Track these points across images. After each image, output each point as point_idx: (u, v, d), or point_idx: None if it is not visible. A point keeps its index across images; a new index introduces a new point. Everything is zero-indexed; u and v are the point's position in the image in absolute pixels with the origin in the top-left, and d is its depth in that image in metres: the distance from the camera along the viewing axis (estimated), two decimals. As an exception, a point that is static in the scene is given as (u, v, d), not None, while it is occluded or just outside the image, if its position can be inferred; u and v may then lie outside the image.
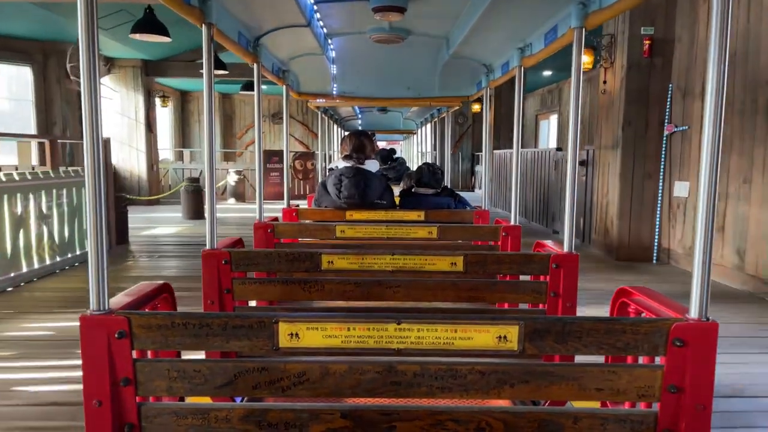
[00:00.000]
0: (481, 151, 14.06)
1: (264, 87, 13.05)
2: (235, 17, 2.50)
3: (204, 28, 2.09)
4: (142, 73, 12.73)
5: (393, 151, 8.03)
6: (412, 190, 3.91)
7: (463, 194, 4.26)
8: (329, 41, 3.68)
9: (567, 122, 11.97)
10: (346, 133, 3.79)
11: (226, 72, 9.05)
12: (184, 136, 18.14)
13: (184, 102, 18.08)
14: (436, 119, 7.90)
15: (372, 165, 3.50)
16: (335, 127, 9.36)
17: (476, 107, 15.61)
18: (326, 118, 7.34)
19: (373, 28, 3.29)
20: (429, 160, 11.02)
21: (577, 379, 1.27)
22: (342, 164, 3.47)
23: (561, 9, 2.26)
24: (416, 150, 12.14)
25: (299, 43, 3.27)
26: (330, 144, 7.64)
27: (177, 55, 12.53)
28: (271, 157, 14.12)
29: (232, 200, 14.19)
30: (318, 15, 3.09)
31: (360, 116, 9.44)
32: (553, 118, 16.32)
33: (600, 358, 1.41)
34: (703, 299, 1.26)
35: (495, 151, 12.70)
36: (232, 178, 14.32)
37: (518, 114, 3.02)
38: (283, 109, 3.88)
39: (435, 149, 15.80)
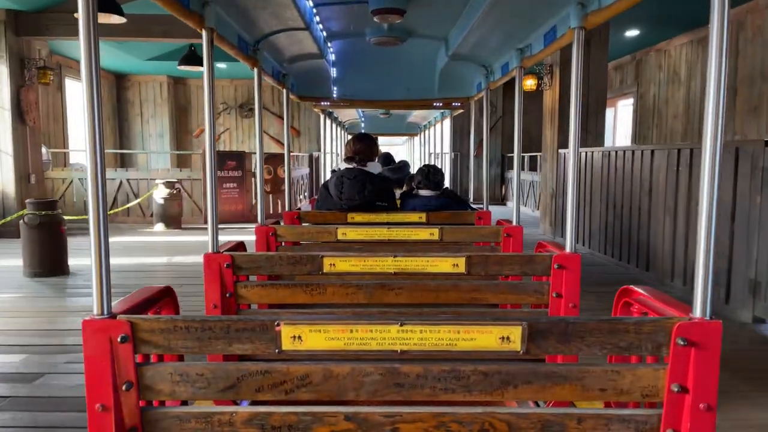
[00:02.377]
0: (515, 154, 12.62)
1: (222, 66, 12.23)
2: (235, 21, 2.51)
3: (204, 33, 2.09)
4: (8, 30, 7.95)
5: (389, 155, 7.75)
6: (413, 192, 3.91)
7: (493, 209, 3.76)
8: (329, 44, 3.69)
9: (650, 108, 10.81)
10: (349, 137, 3.79)
11: (123, 19, 5.86)
12: (121, 133, 13.94)
13: (120, 89, 13.80)
14: (448, 117, 7.78)
15: (374, 167, 3.50)
16: (339, 130, 9.36)
17: (530, 84, 8.95)
18: (330, 121, 7.35)
19: (373, 31, 3.30)
20: (438, 164, 9.56)
21: (581, 379, 1.27)
22: (344, 166, 3.48)
23: (560, 9, 2.26)
24: (423, 152, 10.37)
25: (299, 46, 3.27)
26: (328, 146, 7.60)
27: (61, 3, 7.98)
28: (226, 161, 10.40)
29: (159, 226, 9.37)
30: (317, 18, 3.10)
31: (363, 119, 9.45)
32: (623, 105, 12.11)
33: (603, 359, 1.41)
34: (707, 298, 1.26)
35: (560, 151, 8.57)
36: (160, 194, 9.28)
37: (518, 115, 3.01)
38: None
39: (455, 149, 14.41)
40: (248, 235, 3.13)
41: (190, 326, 1.28)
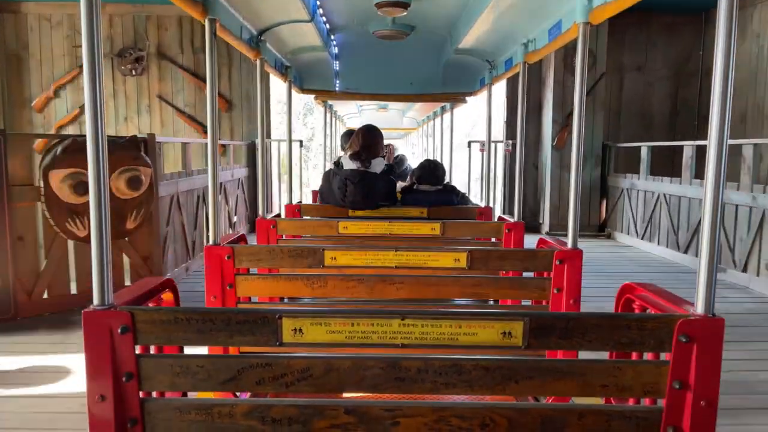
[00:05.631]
0: (617, 140, 8.37)
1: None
2: (238, 12, 2.50)
3: (207, 24, 2.09)
4: None
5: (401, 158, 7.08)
6: (414, 186, 3.91)
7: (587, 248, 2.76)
8: (332, 37, 3.67)
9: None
10: (356, 129, 3.75)
11: None
12: None
13: None
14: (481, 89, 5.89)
15: (378, 164, 3.48)
16: (336, 123, 9.31)
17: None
18: (330, 114, 7.26)
19: (377, 24, 3.28)
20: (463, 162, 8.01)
21: (582, 375, 1.27)
22: (348, 163, 3.44)
23: (565, 3, 2.24)
24: (431, 144, 8.57)
25: (302, 38, 3.26)
26: (325, 142, 7.18)
27: None
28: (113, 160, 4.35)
29: None
30: (321, 10, 3.09)
31: (360, 114, 9.41)
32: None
33: (604, 355, 1.40)
34: (709, 295, 1.25)
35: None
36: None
37: (522, 110, 3.00)
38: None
39: (511, 136, 8.50)
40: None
41: (191, 318, 1.28)
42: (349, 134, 5.29)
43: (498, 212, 2.66)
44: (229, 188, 7.23)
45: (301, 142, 8.37)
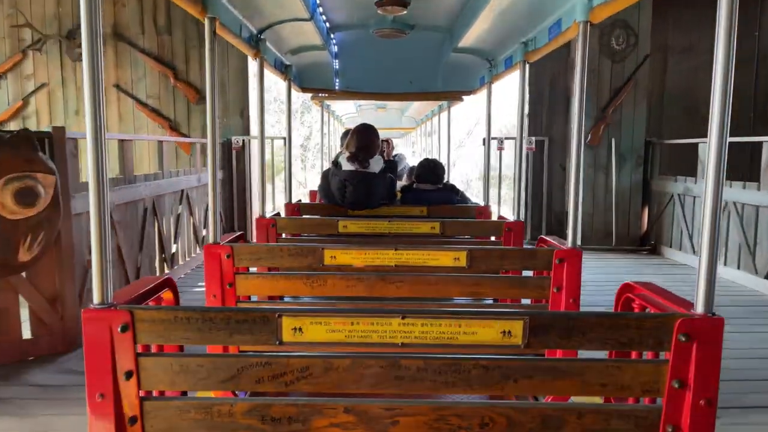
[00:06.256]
0: (659, 137, 7.01)
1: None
2: (237, 11, 2.49)
3: (206, 22, 2.09)
4: None
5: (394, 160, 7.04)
6: (413, 185, 3.91)
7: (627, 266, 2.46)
8: (332, 35, 3.67)
9: None
10: (352, 129, 3.74)
11: None
12: None
13: None
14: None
15: (377, 163, 3.47)
16: (335, 123, 9.28)
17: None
18: (328, 114, 7.21)
19: (376, 22, 3.28)
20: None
21: (581, 374, 1.27)
22: (346, 164, 3.43)
23: (565, 2, 2.24)
24: (430, 143, 8.43)
25: (302, 37, 3.26)
26: (324, 141, 7.00)
27: None
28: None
29: None
30: (321, 9, 3.08)
31: (358, 113, 9.39)
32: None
33: (604, 354, 1.40)
34: (709, 294, 1.25)
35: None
36: None
37: (521, 108, 3.00)
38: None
39: (536, 131, 7.31)
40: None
41: (190, 317, 1.28)
42: (348, 135, 5.26)
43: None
44: (194, 196, 5.96)
45: (284, 139, 6.48)
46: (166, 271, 5.21)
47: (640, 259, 6.48)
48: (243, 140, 7.14)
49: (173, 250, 5.43)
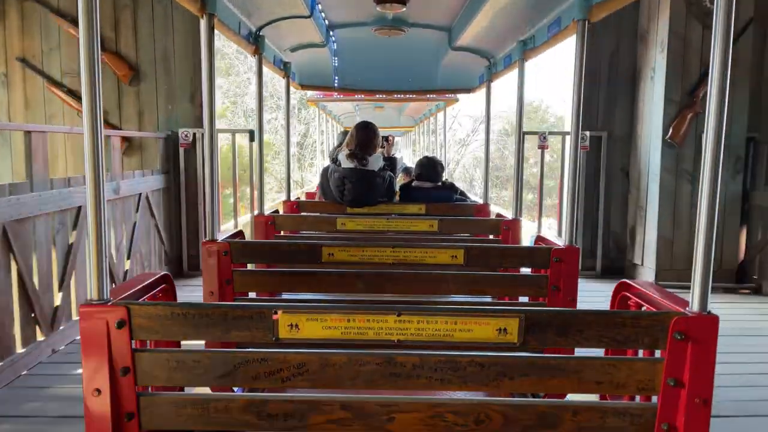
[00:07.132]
0: None
1: None
2: (236, 8, 2.49)
3: (205, 19, 2.08)
4: None
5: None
6: (412, 183, 3.91)
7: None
8: (331, 33, 3.66)
9: None
10: (352, 127, 3.75)
11: None
12: None
13: None
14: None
15: (376, 160, 3.48)
16: (332, 122, 9.27)
17: None
18: (324, 114, 7.21)
19: (376, 20, 3.28)
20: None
21: (577, 372, 1.27)
22: (346, 162, 3.43)
23: (564, 1, 2.24)
24: (432, 142, 8.01)
25: (301, 34, 3.25)
26: (323, 141, 6.87)
27: None
28: None
29: None
30: (320, 6, 3.08)
31: (357, 112, 9.39)
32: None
33: (600, 352, 1.41)
34: (704, 292, 1.26)
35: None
36: None
37: (519, 107, 3.00)
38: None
39: (591, 125, 5.22)
40: None
41: (187, 313, 1.28)
42: (346, 134, 5.24)
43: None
44: (115, 215, 4.12)
45: (251, 132, 5.22)
46: (39, 338, 3.14)
47: (739, 303, 4.49)
48: (194, 133, 5.14)
49: (55, 303, 3.34)
